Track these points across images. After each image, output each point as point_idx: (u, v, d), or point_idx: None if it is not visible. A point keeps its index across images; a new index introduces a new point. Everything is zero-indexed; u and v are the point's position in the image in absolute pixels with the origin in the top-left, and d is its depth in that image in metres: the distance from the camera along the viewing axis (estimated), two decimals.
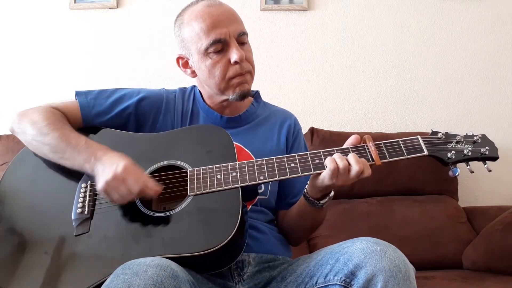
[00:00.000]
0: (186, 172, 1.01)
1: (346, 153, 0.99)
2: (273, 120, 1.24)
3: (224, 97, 1.15)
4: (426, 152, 1.00)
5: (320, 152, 1.00)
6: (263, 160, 1.00)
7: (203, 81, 1.15)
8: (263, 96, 1.30)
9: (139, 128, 1.16)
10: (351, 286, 0.83)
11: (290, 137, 1.23)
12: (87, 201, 1.00)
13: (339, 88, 2.18)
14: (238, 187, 0.97)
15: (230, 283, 1.01)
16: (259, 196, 1.12)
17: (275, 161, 1.00)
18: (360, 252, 0.84)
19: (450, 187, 1.96)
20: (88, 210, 0.99)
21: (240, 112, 1.21)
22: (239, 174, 0.98)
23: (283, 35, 2.20)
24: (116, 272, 0.79)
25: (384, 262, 0.81)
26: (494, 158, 1.01)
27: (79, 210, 0.99)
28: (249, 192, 1.02)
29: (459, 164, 1.01)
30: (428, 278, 1.48)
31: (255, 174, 0.98)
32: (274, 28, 2.21)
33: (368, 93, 2.18)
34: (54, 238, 0.96)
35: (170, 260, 0.83)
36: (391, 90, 2.19)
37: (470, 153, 1.00)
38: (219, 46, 1.07)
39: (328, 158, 0.97)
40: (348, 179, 0.96)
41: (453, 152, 1.00)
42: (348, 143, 1.02)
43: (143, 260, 0.80)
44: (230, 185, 0.97)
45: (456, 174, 0.99)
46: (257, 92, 1.28)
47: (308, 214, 1.11)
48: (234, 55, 1.07)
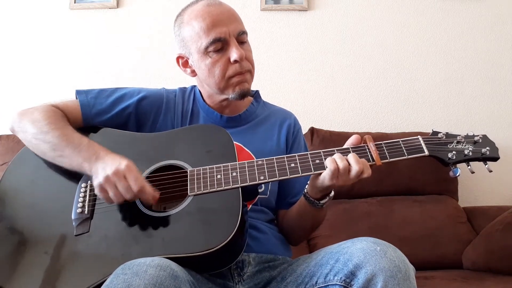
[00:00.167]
0: (186, 172, 1.01)
1: (346, 153, 0.99)
2: (273, 119, 1.24)
3: (224, 96, 1.15)
4: (427, 153, 1.00)
5: (320, 152, 1.00)
6: (263, 160, 1.00)
7: (203, 80, 1.15)
8: (263, 96, 1.30)
9: (139, 128, 1.16)
10: (351, 286, 0.83)
11: (290, 136, 1.23)
12: (87, 201, 1.00)
13: (339, 88, 2.18)
14: (238, 187, 0.97)
15: (230, 283, 1.01)
16: (259, 196, 1.12)
17: (275, 161, 1.00)
18: (360, 252, 0.84)
19: (450, 187, 1.96)
20: (88, 210, 0.99)
21: (240, 112, 1.21)
22: (239, 174, 0.98)
23: (283, 35, 2.20)
24: (116, 272, 0.79)
25: (384, 262, 0.81)
26: (495, 159, 1.00)
27: (79, 210, 0.99)
28: (249, 192, 1.02)
29: (460, 165, 1.01)
30: (428, 278, 1.48)
31: (255, 174, 0.98)
32: (274, 28, 2.20)
33: (368, 93, 2.18)
34: (54, 237, 0.96)
35: (170, 260, 0.83)
36: (391, 90, 2.19)
37: (471, 153, 0.99)
38: (219, 45, 1.07)
39: (328, 158, 0.97)
40: (348, 179, 0.96)
41: (453, 152, 1.00)
42: (349, 143, 1.02)
43: (143, 260, 0.79)
44: (230, 185, 0.97)
45: (457, 175, 0.99)
46: (256, 92, 1.28)
47: (308, 214, 1.11)
48: (234, 54, 1.07)
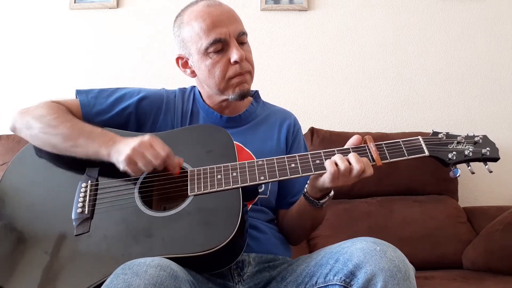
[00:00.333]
0: (187, 172, 1.01)
1: (346, 153, 0.98)
2: (272, 119, 1.24)
3: (223, 97, 1.14)
4: (427, 153, 0.99)
5: (320, 152, 1.00)
6: (264, 160, 1.00)
7: (202, 81, 1.15)
8: (263, 96, 1.30)
9: (139, 128, 1.16)
10: (351, 286, 0.83)
11: (290, 136, 1.23)
12: (87, 200, 1.00)
13: (339, 88, 2.18)
14: (239, 187, 0.97)
15: (230, 283, 1.01)
16: (259, 196, 1.12)
17: (275, 161, 1.00)
18: (360, 252, 0.84)
19: (450, 187, 1.96)
20: (88, 210, 0.99)
21: (240, 112, 1.21)
22: (239, 174, 0.98)
23: (283, 35, 2.20)
24: (116, 272, 0.79)
25: (384, 262, 0.81)
26: (495, 159, 1.00)
27: (79, 210, 0.99)
28: (249, 192, 1.02)
29: (460, 165, 1.01)
30: (428, 278, 1.48)
31: (255, 174, 0.98)
32: (274, 28, 2.20)
33: (368, 93, 2.18)
34: (54, 237, 0.96)
35: (170, 260, 0.83)
36: (391, 90, 2.19)
37: (471, 154, 0.99)
38: (219, 46, 1.07)
39: (327, 161, 0.97)
40: (349, 179, 0.96)
41: (454, 153, 0.99)
42: (350, 144, 1.02)
43: (143, 260, 0.79)
44: (231, 185, 0.97)
45: (457, 175, 0.99)
46: (256, 92, 1.28)
47: (308, 213, 1.11)
48: (234, 55, 1.07)
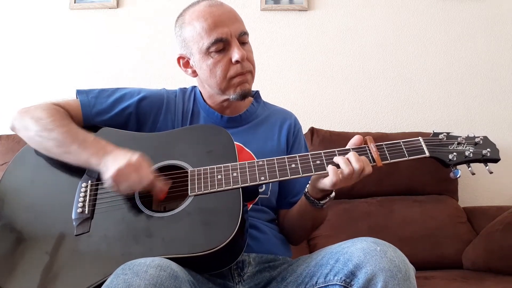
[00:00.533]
0: (187, 172, 1.01)
1: (346, 154, 0.98)
2: (273, 119, 1.24)
3: (224, 96, 1.14)
4: (428, 154, 0.99)
5: (321, 153, 1.00)
6: (264, 160, 1.00)
7: (204, 80, 1.15)
8: (263, 96, 1.30)
9: (139, 128, 1.16)
10: (351, 286, 0.83)
11: (291, 136, 1.23)
12: (87, 200, 1.00)
13: (339, 88, 2.18)
14: (239, 188, 0.97)
15: (230, 283, 1.01)
16: (260, 195, 1.12)
17: (276, 161, 1.00)
18: (360, 252, 0.84)
19: (450, 187, 1.96)
20: (88, 210, 0.99)
21: (241, 112, 1.21)
22: (239, 175, 0.98)
23: (283, 35, 2.20)
24: (116, 272, 0.79)
25: (384, 262, 0.81)
26: (496, 160, 1.00)
27: (80, 210, 0.99)
28: (249, 192, 1.02)
29: (460, 166, 1.01)
30: (428, 278, 1.48)
31: (256, 175, 0.98)
32: (274, 28, 2.20)
33: (368, 93, 2.18)
34: (54, 237, 0.96)
35: (171, 260, 0.83)
36: (391, 90, 2.19)
37: (472, 155, 0.99)
38: (221, 46, 1.08)
39: (330, 167, 0.96)
40: (350, 181, 0.97)
41: (454, 153, 0.99)
42: (351, 144, 1.02)
43: (143, 260, 0.79)
44: (231, 185, 0.97)
45: (457, 176, 0.99)
46: (257, 92, 1.28)
47: (309, 213, 1.11)
48: (235, 54, 1.07)
